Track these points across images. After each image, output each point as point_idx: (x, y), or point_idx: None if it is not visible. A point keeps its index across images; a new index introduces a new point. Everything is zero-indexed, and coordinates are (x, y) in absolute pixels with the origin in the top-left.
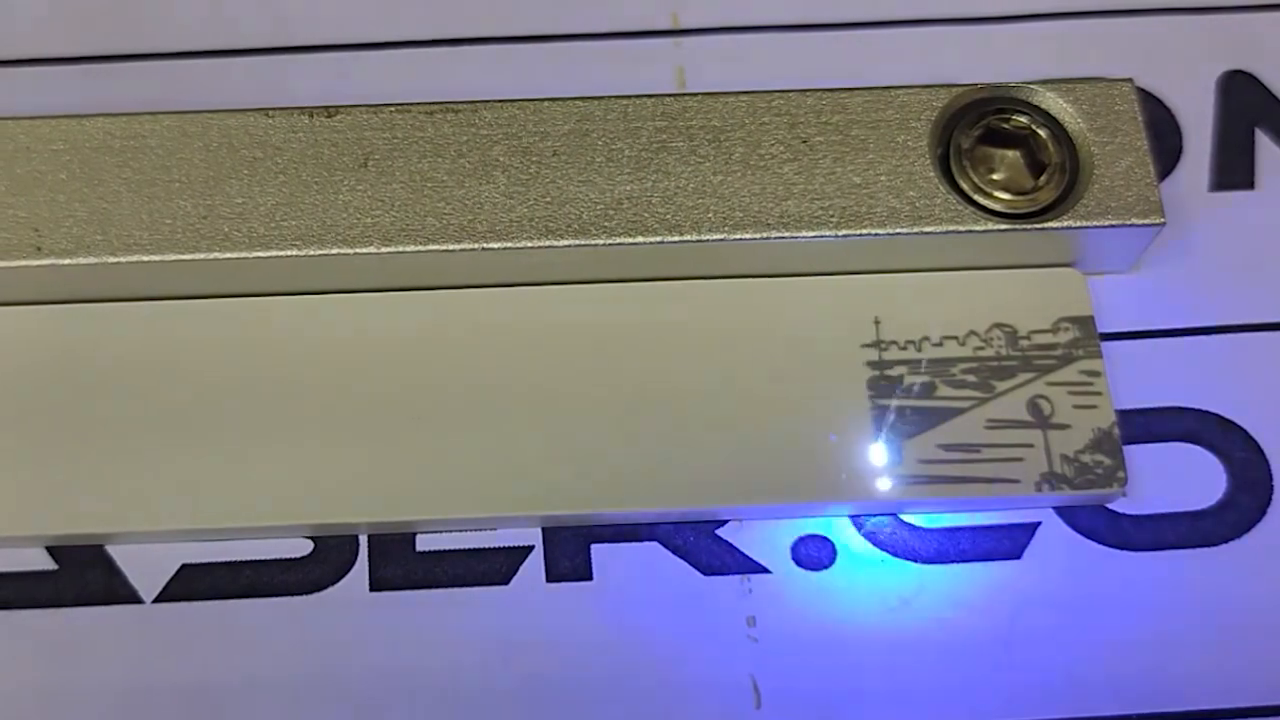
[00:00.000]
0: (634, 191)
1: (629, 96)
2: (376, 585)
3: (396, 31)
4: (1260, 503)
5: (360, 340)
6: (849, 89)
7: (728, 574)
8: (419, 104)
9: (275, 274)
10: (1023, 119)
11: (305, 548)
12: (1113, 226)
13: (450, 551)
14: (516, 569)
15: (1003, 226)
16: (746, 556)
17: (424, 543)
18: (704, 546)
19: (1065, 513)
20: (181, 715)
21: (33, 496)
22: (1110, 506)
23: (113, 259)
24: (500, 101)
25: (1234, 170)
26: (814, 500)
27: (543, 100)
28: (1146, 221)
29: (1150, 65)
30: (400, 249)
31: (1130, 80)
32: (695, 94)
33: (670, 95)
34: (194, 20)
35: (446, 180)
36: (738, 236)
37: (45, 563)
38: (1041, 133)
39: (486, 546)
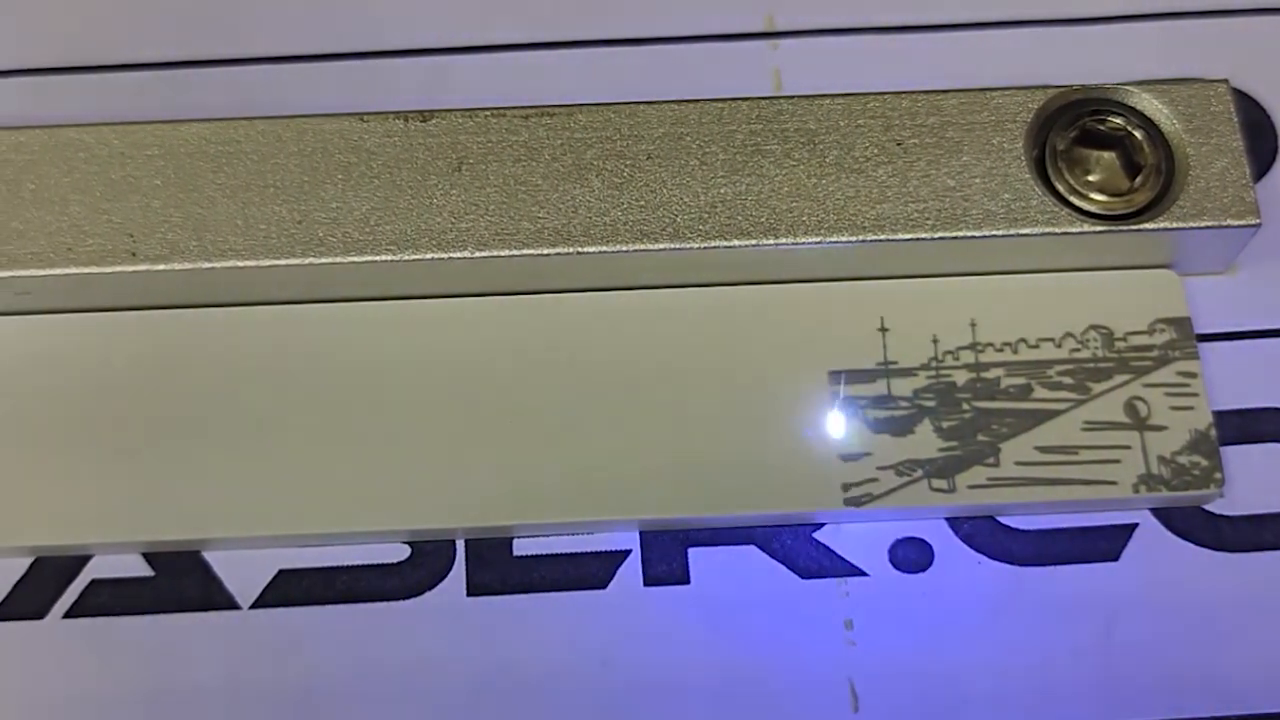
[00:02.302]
0: (728, 195)
1: (723, 99)
2: (474, 590)
3: (491, 35)
4: None
5: (457, 345)
6: (944, 91)
7: (825, 577)
8: (514, 108)
9: (370, 279)
10: (1118, 120)
11: (402, 553)
12: (1209, 228)
13: (547, 556)
14: (614, 573)
15: (1098, 228)
16: (844, 559)
17: (521, 547)
18: (801, 550)
19: (1162, 514)
20: None
21: (129, 503)
22: (1207, 508)
23: (207, 264)
24: (595, 105)
25: None
26: (911, 504)
27: (638, 104)
28: (1242, 223)
29: (1246, 66)
30: (494, 253)
31: (1226, 81)
32: (789, 97)
33: (764, 98)
34: (288, 25)
35: (541, 184)
36: (832, 239)
37: (142, 569)
38: (1137, 134)
39: (584, 551)
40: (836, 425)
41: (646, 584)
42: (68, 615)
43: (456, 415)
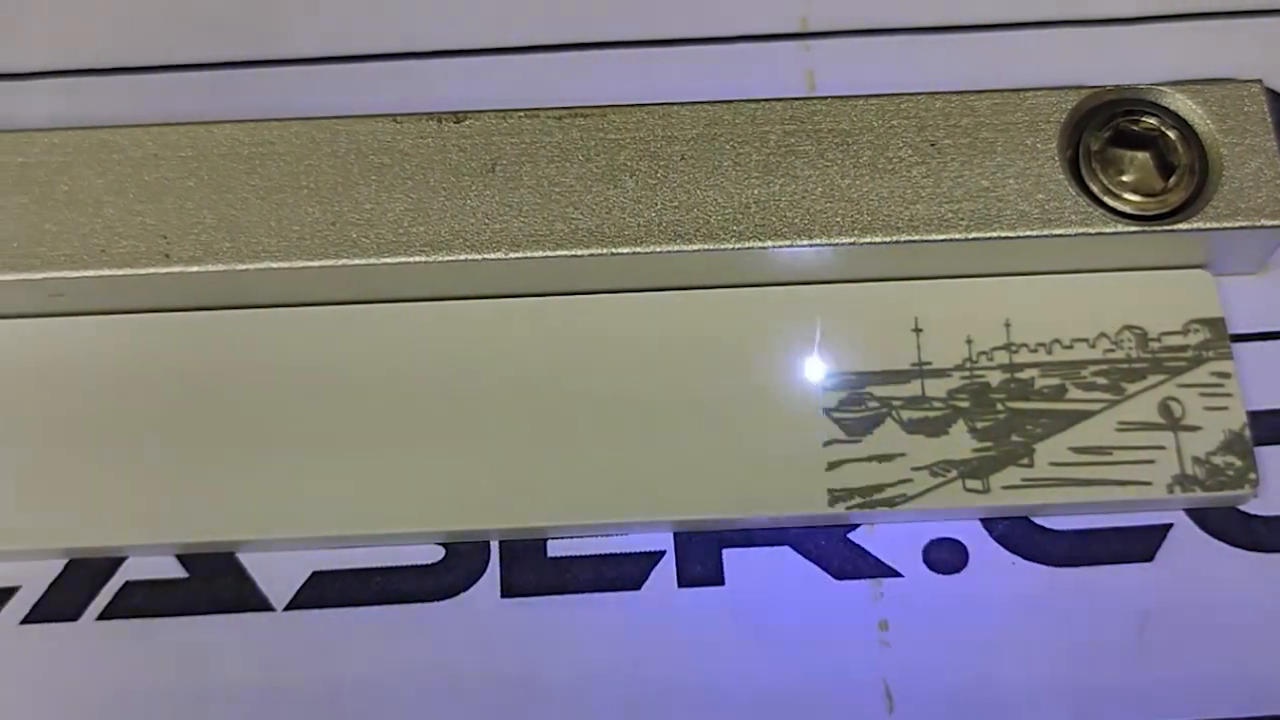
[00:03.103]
0: (762, 195)
1: (757, 100)
2: (508, 591)
3: (524, 36)
4: None
5: (491, 346)
6: (978, 92)
7: (859, 578)
8: (547, 109)
9: (403, 280)
10: (1152, 120)
11: (436, 554)
12: (1242, 228)
13: (581, 557)
14: (648, 574)
15: (1132, 228)
16: (878, 560)
17: (555, 548)
18: (835, 550)
19: (1196, 514)
20: None
21: (163, 504)
22: (1242, 508)
23: (241, 266)
24: (628, 106)
25: None
26: (945, 505)
27: (671, 104)
28: (1276, 223)
29: (1279, 66)
30: (528, 254)
31: (1259, 81)
32: (823, 97)
33: (798, 99)
34: (321, 26)
35: (574, 185)
36: (866, 240)
37: (176, 571)
38: (1171, 134)
39: (618, 552)
40: (870, 425)
41: (680, 585)
42: (102, 617)
43: (490, 416)
